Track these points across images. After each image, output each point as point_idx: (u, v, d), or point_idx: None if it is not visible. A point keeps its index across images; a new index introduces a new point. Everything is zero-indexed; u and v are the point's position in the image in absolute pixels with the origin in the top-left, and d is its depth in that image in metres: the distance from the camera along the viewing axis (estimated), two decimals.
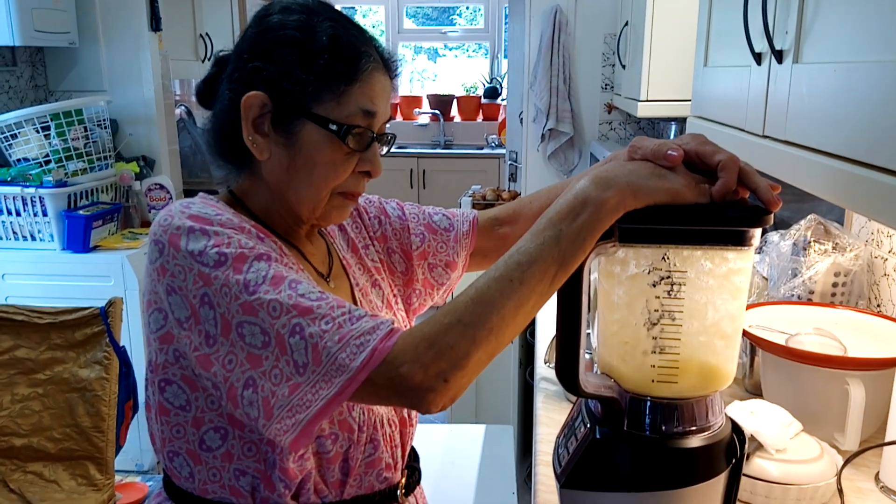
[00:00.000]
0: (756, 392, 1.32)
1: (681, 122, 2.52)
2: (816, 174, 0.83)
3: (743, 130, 1.06)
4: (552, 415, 1.31)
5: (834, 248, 1.36)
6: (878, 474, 1.08)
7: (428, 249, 1.05)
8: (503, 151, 5.26)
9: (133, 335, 2.62)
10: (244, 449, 0.82)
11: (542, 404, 1.35)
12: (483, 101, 5.89)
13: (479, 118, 5.91)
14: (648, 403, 0.77)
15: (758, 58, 0.99)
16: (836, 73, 0.78)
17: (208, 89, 0.90)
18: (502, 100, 5.83)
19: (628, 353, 0.77)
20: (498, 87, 5.90)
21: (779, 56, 0.91)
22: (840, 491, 0.98)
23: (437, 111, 5.81)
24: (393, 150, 0.93)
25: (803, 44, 0.86)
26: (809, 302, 1.36)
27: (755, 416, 1.07)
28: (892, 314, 1.34)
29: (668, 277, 0.74)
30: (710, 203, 0.72)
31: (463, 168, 5.41)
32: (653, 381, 0.77)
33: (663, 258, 0.74)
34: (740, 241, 0.72)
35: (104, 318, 1.87)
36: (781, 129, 0.91)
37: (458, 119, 5.94)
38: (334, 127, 0.82)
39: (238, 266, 0.75)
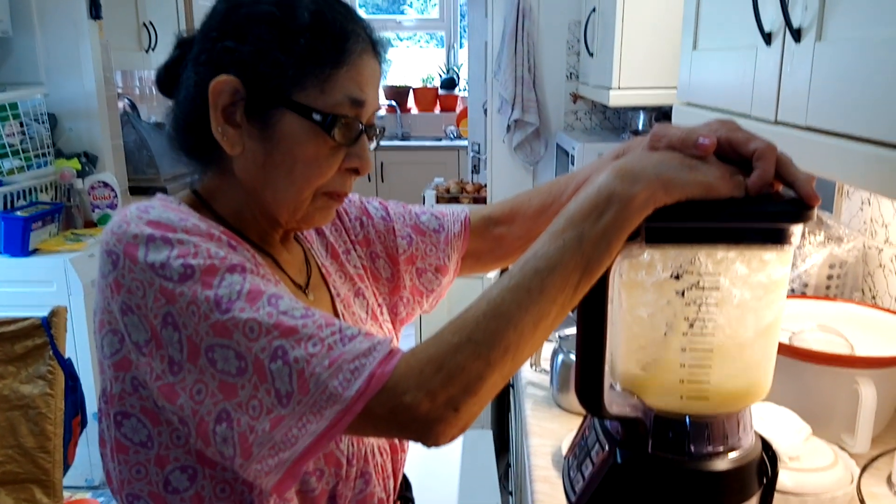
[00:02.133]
0: None
1: (651, 110, 2.46)
2: (845, 161, 0.76)
3: (749, 117, 0.99)
4: (543, 423, 1.23)
5: (828, 240, 1.31)
6: (890, 477, 1.03)
7: (416, 253, 0.95)
8: (463, 143, 5.18)
9: (79, 345, 2.45)
10: (216, 490, 0.71)
11: (531, 412, 1.26)
12: (440, 91, 5.79)
13: (437, 109, 5.81)
14: (676, 422, 0.69)
15: (767, 38, 0.92)
16: (866, 50, 0.71)
17: (169, 75, 0.78)
18: (460, 90, 5.74)
19: (654, 367, 0.69)
20: (455, 77, 5.81)
21: (797, 35, 0.83)
22: (861, 500, 0.92)
23: (393, 102, 5.68)
24: None
25: (827, 19, 0.79)
26: (805, 296, 1.30)
27: (765, 422, 1.00)
28: (889, 306, 1.29)
29: (699, 282, 0.66)
30: (744, 197, 0.64)
31: (422, 160, 5.31)
32: (682, 397, 0.69)
33: (693, 261, 0.65)
34: (780, 238, 0.64)
35: (47, 328, 1.72)
36: (800, 114, 0.84)
37: (415, 111, 5.82)
38: (318, 117, 0.71)
39: (207, 280, 0.64)
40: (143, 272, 0.64)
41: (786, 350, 1.09)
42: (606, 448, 0.72)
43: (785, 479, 0.94)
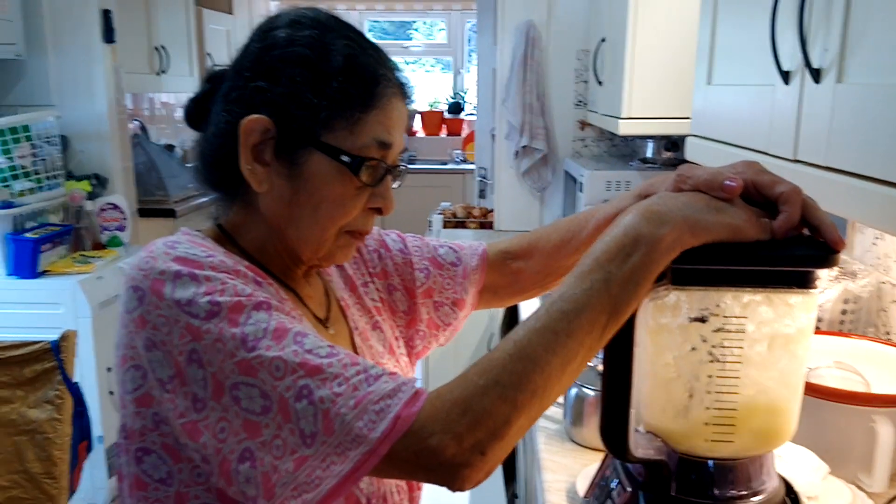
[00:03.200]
0: None
1: (660, 138, 2.47)
2: (863, 201, 0.76)
3: (767, 154, 0.99)
4: (556, 458, 1.22)
5: (842, 275, 1.31)
6: None
7: (433, 286, 0.94)
8: (469, 167, 5.20)
9: (86, 367, 2.44)
10: None
11: (543, 446, 1.25)
12: (446, 115, 5.82)
13: (443, 133, 5.84)
14: (700, 465, 0.69)
15: (785, 77, 0.93)
16: (886, 95, 0.71)
17: (199, 109, 0.79)
18: (466, 115, 5.78)
19: (679, 410, 0.68)
20: (461, 101, 5.85)
21: (816, 75, 0.84)
22: None
23: None
24: None
25: (847, 61, 0.79)
26: (820, 331, 1.30)
27: (782, 461, 0.99)
28: None
29: (725, 325, 0.65)
30: (770, 240, 0.64)
31: (427, 184, 5.32)
32: (706, 439, 0.68)
33: (719, 304, 0.65)
34: (806, 283, 0.64)
35: (56, 353, 1.72)
36: (821, 154, 0.84)
37: (421, 134, 5.86)
38: (346, 159, 0.72)
39: (234, 317, 0.64)
40: (170, 308, 0.64)
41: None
42: (629, 490, 0.71)
43: None
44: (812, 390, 1.07)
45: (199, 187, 0.79)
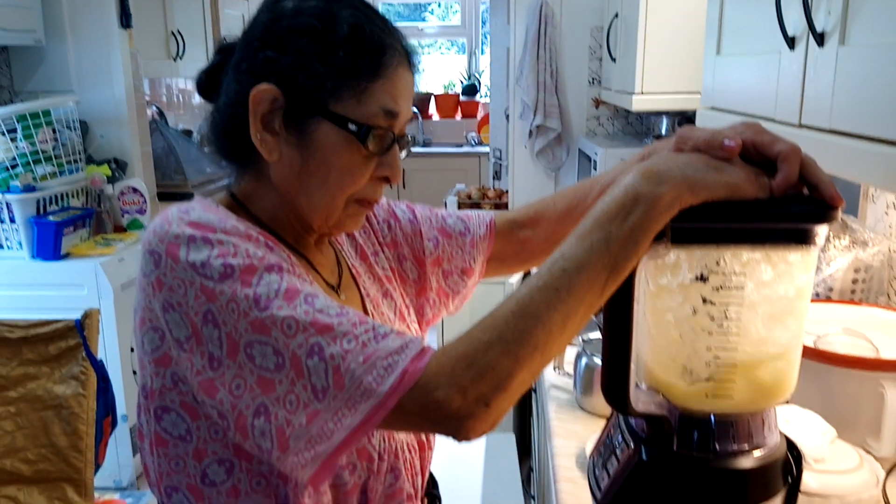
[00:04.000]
0: None
1: (675, 115, 2.46)
2: (868, 163, 0.76)
3: (773, 121, 1.00)
4: (566, 425, 1.24)
5: (853, 244, 1.31)
6: None
7: (442, 255, 0.97)
8: (484, 149, 5.20)
9: (109, 347, 2.50)
10: (252, 483, 0.74)
11: (554, 414, 1.28)
12: (462, 98, 5.81)
13: (458, 116, 5.83)
14: (701, 420, 0.70)
15: (791, 42, 0.93)
16: (888, 55, 0.72)
17: (210, 80, 0.81)
18: (481, 97, 5.77)
19: (680, 366, 0.70)
20: (476, 83, 5.83)
21: (820, 39, 0.84)
22: (887, 503, 0.92)
23: (415, 109, 5.72)
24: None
25: (850, 24, 0.80)
26: (830, 300, 1.30)
27: (790, 425, 1.01)
28: None
29: (724, 283, 0.67)
30: (769, 199, 0.65)
31: (443, 167, 5.33)
32: (707, 395, 0.70)
33: (718, 262, 0.67)
34: (805, 239, 0.65)
35: (80, 330, 1.76)
36: (824, 117, 0.84)
37: (436, 117, 5.85)
38: (353, 127, 0.74)
39: (246, 279, 0.66)
40: (185, 271, 0.67)
41: (811, 353, 1.10)
42: (632, 446, 0.73)
43: (810, 481, 0.94)
44: (820, 356, 1.08)
45: (213, 162, 0.81)
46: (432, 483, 0.93)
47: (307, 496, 0.74)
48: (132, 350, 2.55)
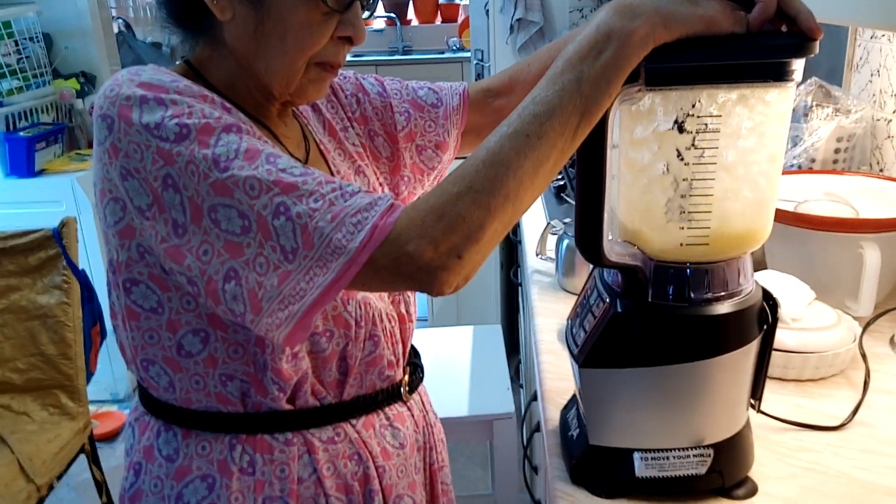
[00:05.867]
0: (758, 266, 1.27)
1: None
2: (866, 3, 0.73)
3: None
4: (548, 304, 1.24)
5: (836, 112, 1.29)
6: (893, 338, 1.05)
7: (415, 129, 0.94)
8: (466, 55, 5.06)
9: (93, 261, 2.49)
10: (229, 352, 0.73)
11: (537, 296, 1.28)
12: (441, 1, 5.61)
13: (438, 20, 5.65)
14: (675, 270, 0.70)
15: None
16: None
17: None
18: None
19: (654, 215, 0.69)
20: None
21: None
22: (864, 356, 0.94)
23: (392, 14, 5.53)
24: (349, 58, 0.80)
25: None
26: (813, 170, 1.29)
27: (767, 286, 1.01)
28: None
29: (699, 128, 0.65)
30: (745, 34, 0.62)
31: (424, 75, 5.19)
32: (682, 244, 0.69)
33: (693, 105, 0.64)
34: (783, 74, 0.63)
35: (58, 239, 1.74)
36: None
37: (415, 22, 5.67)
38: None
39: (203, 139, 0.64)
40: (139, 134, 0.64)
41: (790, 218, 1.09)
42: (607, 300, 0.73)
43: (787, 339, 0.95)
44: (800, 220, 1.08)
45: (162, 23, 0.76)
46: (414, 353, 0.94)
47: (285, 362, 0.73)
48: None
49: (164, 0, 0.75)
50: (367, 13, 0.77)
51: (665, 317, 0.70)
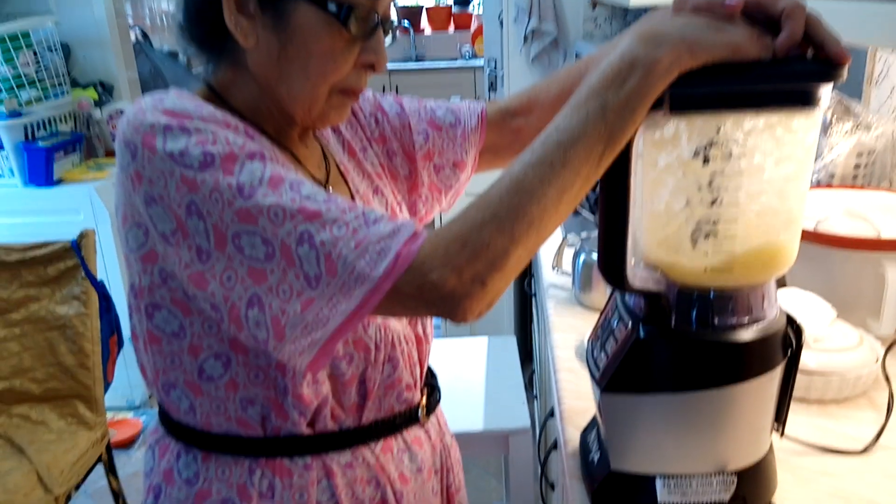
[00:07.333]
0: (779, 284, 1.25)
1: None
2: (876, 24, 0.73)
3: None
4: (565, 320, 1.24)
5: (856, 128, 1.27)
6: None
7: (433, 149, 0.94)
8: (478, 62, 5.07)
9: (110, 270, 2.51)
10: (250, 376, 0.74)
11: (553, 311, 1.28)
12: (454, 9, 5.63)
13: (451, 29, 5.66)
14: (699, 296, 0.69)
15: None
16: None
17: None
18: (474, 7, 5.58)
19: (678, 241, 0.68)
20: None
21: None
22: (887, 378, 0.93)
23: (406, 22, 5.55)
24: None
25: None
26: (832, 185, 1.28)
27: (790, 307, 1.00)
28: None
29: (724, 153, 0.64)
30: (771, 60, 0.62)
31: (437, 82, 5.21)
32: (706, 270, 0.68)
33: (718, 131, 0.64)
34: (809, 100, 0.62)
35: (77, 250, 1.76)
36: None
37: (428, 31, 5.68)
38: (333, 7, 0.69)
39: (228, 167, 0.64)
40: (163, 161, 0.64)
41: (811, 236, 1.08)
42: (629, 325, 0.72)
43: (809, 360, 0.94)
44: (821, 239, 1.07)
45: (184, 47, 0.77)
46: (431, 375, 0.94)
47: (306, 387, 0.74)
48: None
49: (187, 24, 0.75)
50: (388, 39, 0.77)
51: (688, 343, 0.70)
